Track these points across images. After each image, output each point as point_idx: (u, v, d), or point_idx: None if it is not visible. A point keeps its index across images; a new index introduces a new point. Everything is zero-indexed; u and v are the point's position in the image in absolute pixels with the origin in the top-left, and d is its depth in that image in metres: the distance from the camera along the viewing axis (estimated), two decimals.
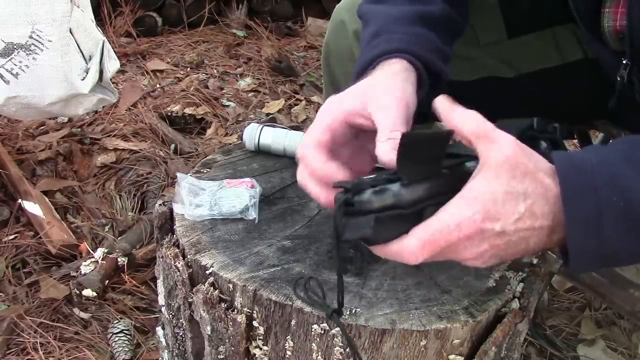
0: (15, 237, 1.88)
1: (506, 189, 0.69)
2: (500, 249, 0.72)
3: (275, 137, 1.16)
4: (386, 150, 0.78)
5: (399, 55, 0.92)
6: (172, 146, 2.38)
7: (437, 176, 0.72)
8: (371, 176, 0.72)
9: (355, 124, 0.84)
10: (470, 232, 0.69)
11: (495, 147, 0.70)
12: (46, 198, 2.01)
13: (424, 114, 0.97)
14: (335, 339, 0.82)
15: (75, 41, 1.80)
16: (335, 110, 0.84)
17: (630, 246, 0.72)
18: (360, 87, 0.86)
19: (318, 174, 0.79)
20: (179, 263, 0.93)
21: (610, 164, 0.70)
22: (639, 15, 0.96)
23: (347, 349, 0.81)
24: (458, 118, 0.73)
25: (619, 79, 1.07)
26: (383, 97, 0.83)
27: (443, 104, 0.74)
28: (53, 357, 1.55)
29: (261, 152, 1.17)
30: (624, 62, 1.04)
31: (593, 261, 0.73)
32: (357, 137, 0.86)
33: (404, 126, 0.81)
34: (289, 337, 0.85)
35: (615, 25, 1.02)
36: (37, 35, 1.73)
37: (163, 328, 1.10)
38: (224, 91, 2.87)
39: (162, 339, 1.11)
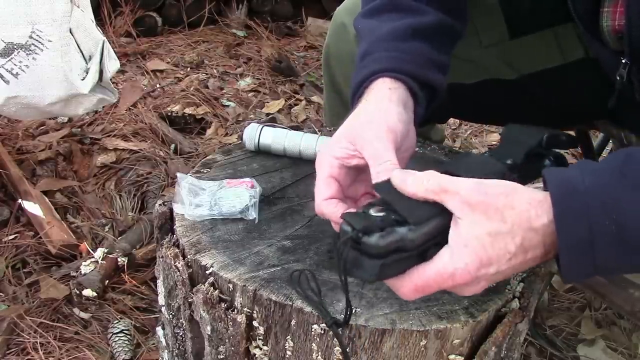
0: (15, 237, 1.88)
1: (489, 230, 0.70)
2: (494, 282, 0.75)
3: (275, 137, 1.16)
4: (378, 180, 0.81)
5: (386, 75, 0.94)
6: (172, 146, 2.38)
7: (443, 213, 0.72)
8: (380, 214, 0.73)
9: (352, 166, 0.87)
10: (465, 280, 0.71)
11: (459, 197, 0.71)
12: (46, 198, 2.01)
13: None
14: (335, 339, 0.82)
15: (75, 41, 1.80)
16: (329, 160, 0.86)
17: (623, 265, 0.73)
18: (345, 129, 0.89)
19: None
20: (179, 263, 0.93)
21: (603, 186, 0.70)
22: (638, 14, 0.96)
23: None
24: (412, 184, 0.74)
25: (618, 78, 1.07)
26: (367, 132, 0.86)
27: (396, 179, 0.75)
28: (53, 357, 1.55)
29: (261, 152, 1.17)
30: (623, 61, 1.04)
31: (586, 275, 0.74)
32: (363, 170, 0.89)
33: (392, 153, 0.83)
34: (289, 337, 0.85)
35: (614, 24, 1.02)
36: (37, 35, 1.73)
37: (163, 328, 1.10)
38: (224, 91, 2.86)
39: (162, 339, 1.11)
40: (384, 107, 0.90)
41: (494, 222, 0.70)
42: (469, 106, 1.37)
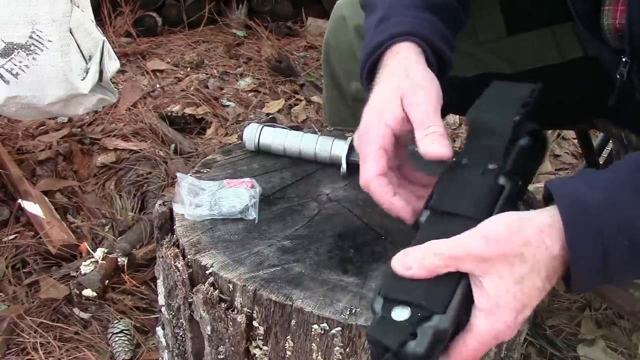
0: (15, 237, 1.88)
1: (515, 279, 0.67)
2: None
3: (275, 137, 1.16)
4: (428, 146, 0.78)
5: (409, 39, 0.91)
6: (172, 146, 2.38)
7: (460, 279, 0.69)
8: (403, 317, 0.67)
9: (403, 131, 0.84)
10: (508, 336, 0.69)
11: (472, 257, 0.67)
12: (46, 198, 2.01)
13: None
14: (335, 339, 0.82)
15: (75, 41, 1.80)
16: (381, 129, 0.83)
17: (632, 278, 0.73)
18: (392, 91, 0.85)
19: (386, 208, 0.82)
20: (179, 263, 0.93)
21: (614, 204, 0.68)
22: (639, 13, 0.96)
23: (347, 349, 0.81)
24: (418, 270, 0.69)
25: (618, 76, 1.07)
26: (418, 95, 0.83)
27: (398, 268, 0.70)
28: (53, 357, 1.55)
29: (261, 152, 1.17)
30: (624, 60, 1.04)
31: (594, 288, 0.73)
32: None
33: (439, 119, 0.81)
34: (289, 337, 0.85)
35: (615, 23, 1.02)
36: (37, 35, 1.73)
37: (163, 328, 1.10)
38: (224, 91, 2.86)
39: (162, 339, 1.11)
40: (426, 71, 0.88)
41: (516, 267, 0.67)
42: (469, 100, 1.38)
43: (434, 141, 0.78)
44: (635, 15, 0.96)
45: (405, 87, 0.85)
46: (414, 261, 0.69)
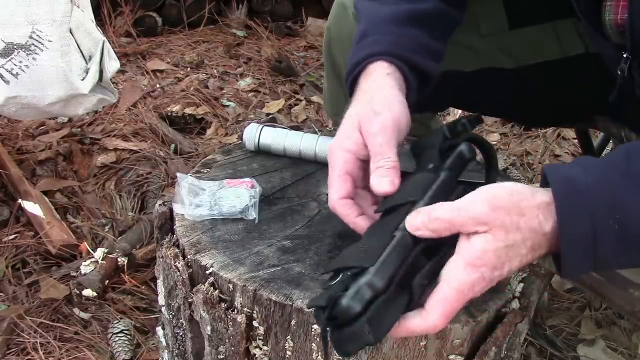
0: (15, 237, 1.88)
1: (507, 243, 0.70)
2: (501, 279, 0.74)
3: (275, 137, 1.16)
4: (375, 182, 0.82)
5: (383, 59, 0.95)
6: (172, 146, 2.38)
7: (395, 233, 0.72)
8: (335, 280, 0.70)
9: (365, 157, 0.87)
10: (483, 288, 0.71)
11: (472, 220, 0.70)
12: (46, 198, 2.01)
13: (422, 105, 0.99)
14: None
15: (75, 41, 1.80)
16: (342, 155, 0.87)
17: (623, 263, 0.74)
18: (352, 119, 0.89)
19: (352, 227, 0.86)
20: (179, 263, 0.93)
21: (606, 185, 0.70)
22: None
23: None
24: (432, 223, 0.72)
25: (619, 72, 1.07)
26: (372, 124, 0.86)
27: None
28: (53, 357, 1.55)
29: (261, 152, 1.17)
30: (625, 55, 1.05)
31: (584, 272, 0.74)
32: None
33: (393, 150, 0.84)
34: (289, 337, 0.85)
35: (617, 18, 1.02)
36: (37, 36, 1.73)
37: (163, 328, 1.10)
38: (224, 91, 2.86)
39: (162, 339, 1.11)
40: (388, 95, 0.91)
41: (510, 234, 0.70)
42: (468, 94, 1.38)
43: (382, 176, 0.82)
44: (636, 10, 0.96)
45: (363, 115, 0.89)
46: (422, 223, 0.72)
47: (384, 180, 0.82)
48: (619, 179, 0.71)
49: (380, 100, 0.90)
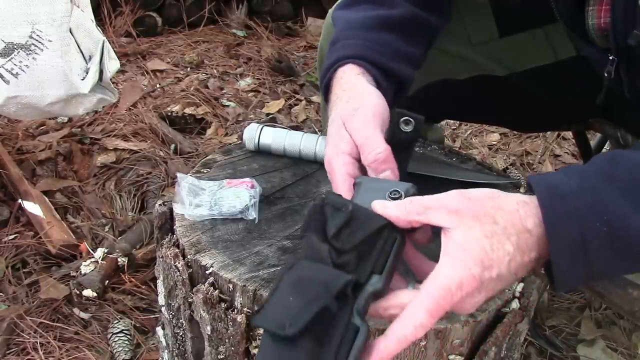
0: (15, 237, 1.88)
1: (484, 232, 0.68)
2: (494, 292, 0.72)
3: (275, 137, 1.16)
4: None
5: (351, 62, 0.97)
6: (172, 146, 2.38)
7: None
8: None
9: (358, 154, 0.88)
10: (472, 287, 0.68)
11: (444, 209, 0.70)
12: (46, 198, 2.01)
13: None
14: None
15: (75, 41, 1.80)
16: (341, 158, 0.87)
17: (615, 268, 0.73)
18: (338, 122, 0.90)
19: None
20: (179, 263, 0.93)
21: (589, 188, 0.70)
22: (622, 11, 0.97)
23: None
24: (394, 209, 0.72)
25: (606, 75, 1.07)
26: (355, 120, 0.88)
27: (377, 205, 0.73)
28: (53, 357, 1.55)
29: (261, 152, 1.17)
30: (611, 58, 1.05)
31: (577, 282, 0.73)
32: None
33: (380, 139, 0.85)
34: None
35: (600, 22, 1.03)
36: (37, 35, 1.73)
37: (163, 328, 1.10)
38: (224, 91, 2.86)
39: (162, 339, 1.11)
40: (363, 91, 0.92)
41: (486, 224, 0.69)
42: (462, 104, 1.38)
43: (381, 171, 0.84)
44: (618, 14, 0.97)
45: (344, 114, 0.90)
46: (395, 205, 0.72)
47: (385, 175, 0.83)
48: (603, 183, 0.70)
49: (356, 96, 0.92)
